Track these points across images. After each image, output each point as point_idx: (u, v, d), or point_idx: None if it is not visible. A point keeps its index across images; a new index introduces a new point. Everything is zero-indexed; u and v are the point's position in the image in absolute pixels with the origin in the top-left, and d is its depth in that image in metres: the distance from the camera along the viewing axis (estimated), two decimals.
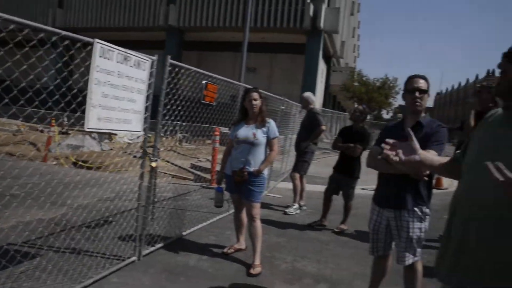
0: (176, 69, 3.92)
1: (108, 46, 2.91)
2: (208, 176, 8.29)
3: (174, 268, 3.58)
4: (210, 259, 3.86)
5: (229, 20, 22.13)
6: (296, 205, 6.03)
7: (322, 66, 24.39)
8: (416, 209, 2.63)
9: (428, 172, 2.56)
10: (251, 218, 3.77)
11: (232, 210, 5.57)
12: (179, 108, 4.23)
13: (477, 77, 70.00)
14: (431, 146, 2.50)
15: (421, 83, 2.64)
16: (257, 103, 3.79)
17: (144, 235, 3.73)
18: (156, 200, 4.08)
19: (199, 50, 25.92)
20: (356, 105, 24.62)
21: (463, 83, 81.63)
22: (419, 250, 2.70)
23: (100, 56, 2.85)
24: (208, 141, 11.42)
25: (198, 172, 9.38)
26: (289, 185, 6.45)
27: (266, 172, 3.87)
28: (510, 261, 1.38)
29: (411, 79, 2.68)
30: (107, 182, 5.05)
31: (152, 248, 3.89)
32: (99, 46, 2.82)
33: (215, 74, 4.80)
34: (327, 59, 27.50)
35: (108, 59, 2.94)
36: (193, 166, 10.04)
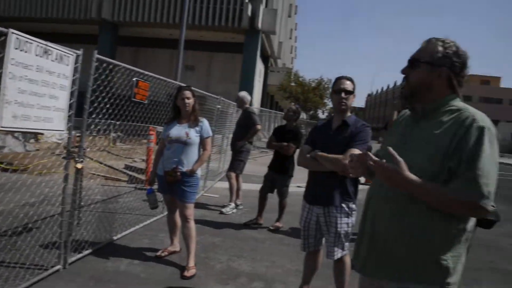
0: (104, 65, 3.72)
1: (25, 37, 2.67)
2: (142, 177, 8.02)
3: (103, 274, 3.39)
4: (142, 263, 3.72)
5: (166, 16, 21.53)
6: (233, 205, 6.03)
7: (260, 66, 24.70)
8: (343, 205, 2.74)
9: None
10: (184, 219, 3.70)
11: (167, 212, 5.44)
12: (107, 106, 4.02)
13: (403, 80, 75.10)
14: (356, 145, 2.63)
15: (347, 84, 2.77)
16: (190, 101, 3.72)
17: (70, 241, 3.49)
18: (83, 204, 3.84)
19: (135, 46, 24.93)
20: (292, 104, 25.17)
21: (391, 86, 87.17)
22: (347, 244, 2.82)
23: (16, 48, 2.61)
24: (144, 141, 11.05)
25: (132, 173, 9.04)
26: (226, 185, 6.43)
27: (199, 172, 3.81)
28: (418, 254, 1.50)
29: (338, 80, 2.80)
30: (26, 186, 4.64)
31: (80, 255, 3.65)
32: (14, 37, 2.58)
33: (148, 72, 4.62)
34: (265, 59, 27.90)
35: (26, 51, 2.70)
36: (127, 167, 9.65)
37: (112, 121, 4.33)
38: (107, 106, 4.01)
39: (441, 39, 1.59)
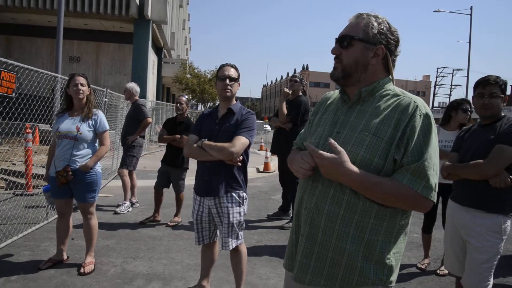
0: None
1: None
2: (22, 181, 7.17)
3: None
4: (21, 278, 3.30)
5: (42, 1, 19.25)
6: (128, 203, 5.73)
7: (152, 57, 23.67)
8: (234, 194, 2.75)
9: (241, 158, 2.72)
10: (85, 216, 3.62)
11: (52, 218, 4.93)
12: None
13: (294, 71, 79.43)
14: (242, 132, 2.66)
15: (231, 71, 2.80)
16: (84, 89, 3.43)
17: None
18: None
19: (8, 34, 21.86)
20: (189, 97, 24.73)
21: (284, 76, 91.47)
22: (241, 233, 2.84)
23: None
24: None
25: (10, 178, 8.01)
26: (120, 183, 6.07)
27: (98, 167, 3.57)
28: (362, 257, 1.34)
29: (222, 68, 2.82)
30: None
31: None
32: None
33: (17, 63, 4.08)
34: (158, 50, 26.87)
35: None
36: (4, 171, 8.53)
37: None
38: None
39: (373, 14, 1.42)
